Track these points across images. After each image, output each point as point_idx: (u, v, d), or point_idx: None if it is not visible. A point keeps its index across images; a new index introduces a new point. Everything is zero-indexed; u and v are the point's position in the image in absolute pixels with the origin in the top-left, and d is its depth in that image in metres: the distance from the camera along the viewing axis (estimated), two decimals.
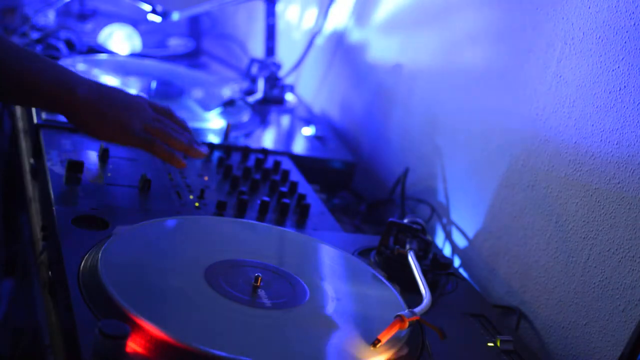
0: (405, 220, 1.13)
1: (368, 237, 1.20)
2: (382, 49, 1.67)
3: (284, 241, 1.09)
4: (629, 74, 0.99)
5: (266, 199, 1.18)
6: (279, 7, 2.06)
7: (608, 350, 0.99)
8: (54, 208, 1.02)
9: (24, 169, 1.33)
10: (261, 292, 0.90)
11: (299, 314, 0.88)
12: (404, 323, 0.85)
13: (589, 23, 1.07)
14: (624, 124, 1.00)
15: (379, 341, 0.83)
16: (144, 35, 1.95)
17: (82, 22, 2.09)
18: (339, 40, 1.87)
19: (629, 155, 0.99)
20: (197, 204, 1.15)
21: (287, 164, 1.40)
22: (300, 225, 1.19)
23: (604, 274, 1.01)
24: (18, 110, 1.55)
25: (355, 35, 1.79)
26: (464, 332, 0.97)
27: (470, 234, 1.29)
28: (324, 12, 1.90)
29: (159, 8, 1.74)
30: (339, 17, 1.86)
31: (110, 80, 1.58)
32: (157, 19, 1.75)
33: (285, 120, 1.69)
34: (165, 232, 1.01)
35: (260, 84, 1.79)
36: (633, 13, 0.99)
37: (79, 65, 1.62)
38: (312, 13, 2.00)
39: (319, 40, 1.94)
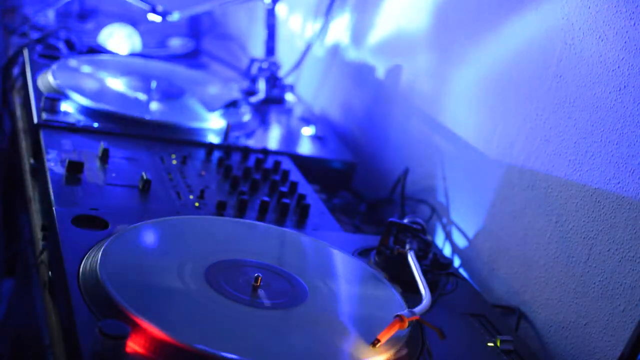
0: (405, 220, 1.13)
1: (368, 237, 1.19)
2: (382, 50, 1.67)
3: (284, 241, 1.09)
4: (629, 74, 0.99)
5: (266, 199, 1.18)
6: (280, 7, 2.06)
7: (608, 350, 0.99)
8: (54, 208, 1.02)
9: (24, 168, 1.33)
10: (261, 292, 0.90)
11: (299, 314, 0.88)
12: (404, 323, 0.85)
13: (589, 23, 1.07)
14: (624, 124, 1.00)
15: (379, 341, 0.83)
16: (144, 35, 1.94)
17: (82, 22, 2.09)
18: (339, 40, 1.87)
19: (629, 155, 0.99)
20: (197, 204, 1.15)
21: (287, 164, 1.40)
22: (300, 225, 1.19)
23: (604, 274, 1.01)
24: (18, 110, 1.55)
25: (356, 36, 1.79)
26: (464, 332, 0.97)
27: (470, 234, 1.29)
28: (324, 11, 1.90)
29: (159, 8, 1.74)
30: (340, 18, 1.86)
31: (110, 80, 1.57)
32: (157, 18, 1.74)
33: (285, 120, 1.69)
34: (165, 232, 1.01)
35: (262, 84, 1.78)
36: (633, 13, 0.99)
37: (80, 66, 1.62)
38: (313, 13, 1.99)
39: (320, 41, 1.94)
